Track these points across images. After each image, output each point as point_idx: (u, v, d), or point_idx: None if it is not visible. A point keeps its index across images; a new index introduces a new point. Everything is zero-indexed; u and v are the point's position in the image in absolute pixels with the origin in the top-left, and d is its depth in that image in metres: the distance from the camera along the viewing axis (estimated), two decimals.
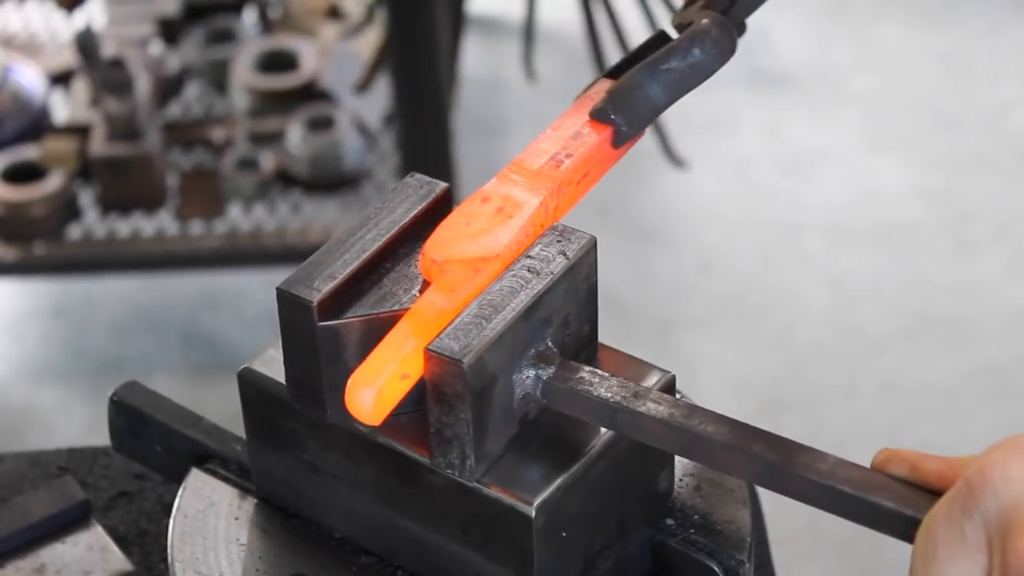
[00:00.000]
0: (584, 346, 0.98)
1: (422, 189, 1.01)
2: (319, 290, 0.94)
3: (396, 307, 0.95)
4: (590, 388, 0.94)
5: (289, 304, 0.94)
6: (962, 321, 2.84)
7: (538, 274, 0.94)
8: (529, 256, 0.95)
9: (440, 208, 0.99)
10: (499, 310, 0.92)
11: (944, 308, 2.86)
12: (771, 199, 3.10)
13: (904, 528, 0.85)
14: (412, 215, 0.99)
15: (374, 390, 0.90)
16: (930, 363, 2.76)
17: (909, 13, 3.52)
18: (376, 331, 0.93)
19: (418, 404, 0.93)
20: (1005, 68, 3.38)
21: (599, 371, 0.95)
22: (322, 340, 0.94)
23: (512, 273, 0.94)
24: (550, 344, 0.95)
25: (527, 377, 0.94)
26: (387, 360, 0.91)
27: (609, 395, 0.93)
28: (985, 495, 0.79)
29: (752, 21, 1.06)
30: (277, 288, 0.94)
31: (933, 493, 0.85)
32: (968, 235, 3.01)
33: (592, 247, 0.96)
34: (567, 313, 0.96)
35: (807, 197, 3.10)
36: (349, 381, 0.90)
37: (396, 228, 0.98)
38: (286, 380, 0.98)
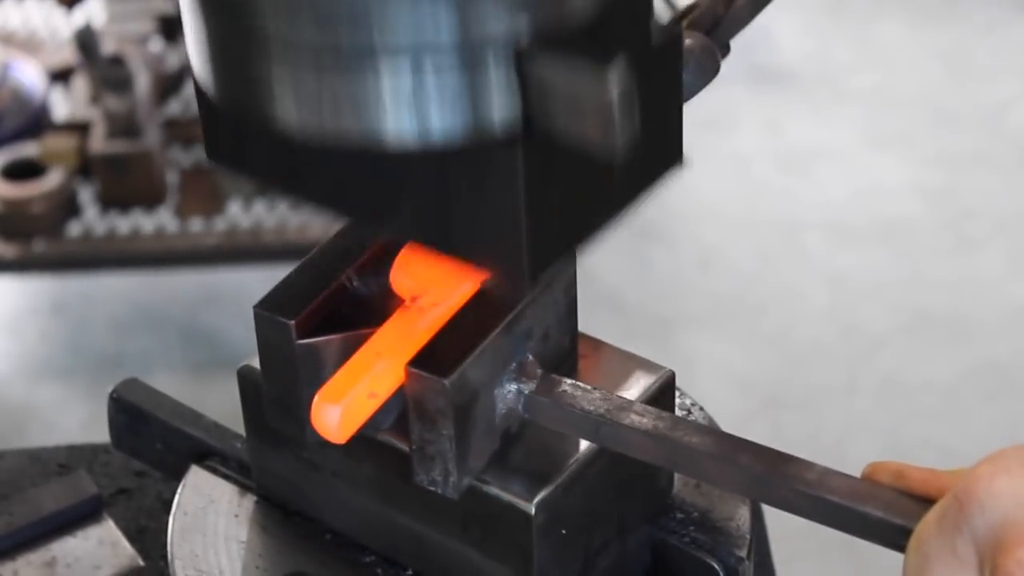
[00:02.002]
0: (564, 359, 0.97)
1: None
2: (297, 309, 0.93)
3: (375, 324, 0.93)
4: (572, 401, 0.93)
5: (267, 323, 0.93)
6: (962, 318, 2.84)
7: None
8: None
9: None
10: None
11: (944, 305, 2.86)
12: (771, 196, 3.10)
13: (894, 537, 0.85)
14: None
15: (340, 408, 0.88)
16: (930, 360, 2.76)
17: (909, 10, 3.52)
18: (355, 348, 0.92)
19: (398, 422, 0.93)
20: (1005, 65, 3.38)
21: (581, 384, 0.94)
22: (301, 358, 0.92)
23: None
24: (531, 358, 0.94)
25: (509, 392, 0.93)
26: (355, 378, 0.90)
27: (592, 408, 0.92)
28: (972, 511, 0.79)
29: None
30: (254, 307, 0.93)
31: (921, 501, 0.85)
32: (968, 232, 3.01)
33: (572, 259, 0.95)
34: (547, 326, 0.95)
35: (807, 194, 3.10)
36: (315, 398, 0.89)
37: (374, 243, 0.97)
38: (265, 399, 0.96)
